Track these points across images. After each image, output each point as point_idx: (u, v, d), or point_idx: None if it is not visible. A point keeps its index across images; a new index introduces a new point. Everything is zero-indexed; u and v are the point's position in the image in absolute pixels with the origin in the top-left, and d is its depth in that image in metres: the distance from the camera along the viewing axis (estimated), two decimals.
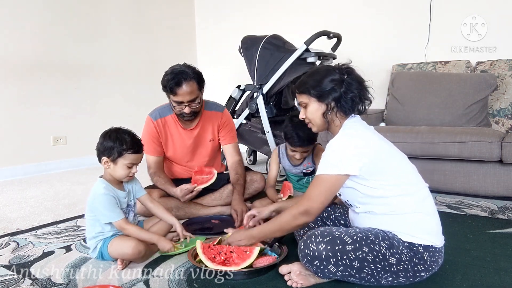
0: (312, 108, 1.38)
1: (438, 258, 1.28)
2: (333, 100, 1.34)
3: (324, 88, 1.34)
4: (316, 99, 1.36)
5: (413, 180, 1.33)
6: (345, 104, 1.33)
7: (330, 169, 1.27)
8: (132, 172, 1.57)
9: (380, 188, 1.27)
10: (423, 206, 1.30)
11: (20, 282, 1.40)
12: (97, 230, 1.56)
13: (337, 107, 1.35)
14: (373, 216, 1.30)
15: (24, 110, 3.51)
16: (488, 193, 2.39)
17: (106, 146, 1.52)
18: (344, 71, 1.36)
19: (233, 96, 3.35)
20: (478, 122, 2.75)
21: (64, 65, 3.78)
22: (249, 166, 2.95)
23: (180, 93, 1.95)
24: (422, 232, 1.26)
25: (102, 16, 4.09)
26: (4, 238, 1.89)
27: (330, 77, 1.34)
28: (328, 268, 1.21)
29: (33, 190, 2.97)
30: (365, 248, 1.20)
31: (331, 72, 1.36)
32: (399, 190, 1.28)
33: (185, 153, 2.18)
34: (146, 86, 4.46)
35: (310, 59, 2.96)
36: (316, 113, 1.38)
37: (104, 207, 1.51)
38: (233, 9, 4.70)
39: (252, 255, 1.40)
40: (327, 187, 1.28)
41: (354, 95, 1.33)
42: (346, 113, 1.36)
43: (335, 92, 1.33)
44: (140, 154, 1.58)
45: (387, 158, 1.32)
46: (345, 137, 1.31)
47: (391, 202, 1.27)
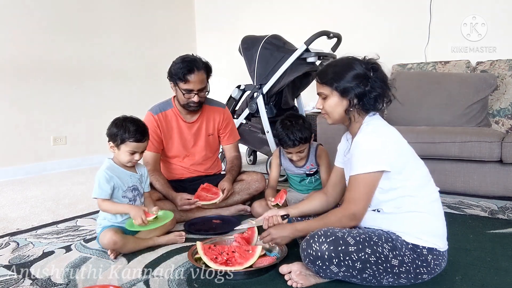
0: (332, 101, 1.35)
1: (442, 262, 1.28)
2: (356, 96, 1.31)
3: (348, 83, 1.30)
4: (338, 94, 1.33)
5: (425, 183, 1.33)
6: (367, 102, 1.31)
7: (366, 167, 1.24)
8: (135, 159, 1.67)
9: (400, 187, 1.27)
10: (431, 208, 1.30)
11: (20, 282, 1.40)
12: (102, 216, 1.69)
13: (359, 104, 1.32)
14: (381, 214, 1.30)
15: (24, 110, 3.51)
16: (488, 193, 2.38)
17: (111, 132, 1.65)
18: (370, 67, 1.32)
19: (233, 96, 3.35)
20: (478, 122, 2.75)
21: (64, 65, 3.78)
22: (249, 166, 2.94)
23: (192, 80, 1.99)
24: (427, 234, 1.25)
25: (102, 17, 4.09)
26: (4, 238, 1.89)
27: (355, 72, 1.30)
28: (330, 268, 1.21)
29: (33, 190, 2.96)
30: (368, 250, 1.20)
31: (357, 65, 1.32)
32: (415, 190, 1.28)
33: (184, 146, 2.20)
34: (146, 86, 4.47)
35: (310, 59, 2.96)
36: (336, 107, 1.35)
37: (96, 182, 1.62)
38: (233, 9, 4.70)
39: (255, 254, 1.40)
40: (368, 187, 1.26)
41: (378, 94, 1.31)
42: (368, 111, 1.34)
43: (359, 88, 1.30)
44: (142, 143, 1.67)
45: (408, 157, 1.31)
46: (372, 134, 1.28)
47: (404, 201, 1.27)
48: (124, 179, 1.68)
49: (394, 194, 1.28)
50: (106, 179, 1.62)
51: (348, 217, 1.28)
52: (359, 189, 1.26)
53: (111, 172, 1.65)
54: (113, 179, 1.64)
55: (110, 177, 1.63)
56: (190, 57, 2.05)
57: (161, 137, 2.15)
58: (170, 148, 2.19)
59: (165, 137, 2.16)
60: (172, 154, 2.21)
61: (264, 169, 3.21)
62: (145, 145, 1.70)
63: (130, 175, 1.71)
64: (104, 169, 1.64)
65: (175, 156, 2.22)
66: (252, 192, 2.25)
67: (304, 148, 1.97)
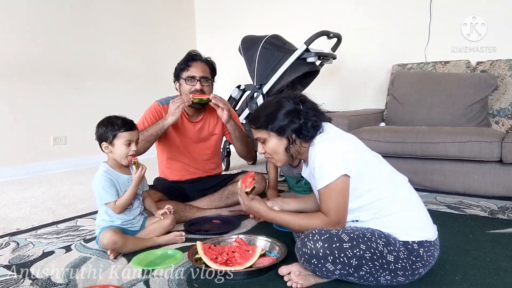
0: (272, 143, 1.37)
1: (434, 252, 1.28)
2: (293, 132, 1.34)
3: (282, 122, 1.33)
4: (275, 134, 1.35)
5: (393, 179, 1.34)
6: (307, 133, 1.33)
7: (331, 175, 1.25)
8: (132, 150, 1.66)
9: (370, 189, 1.28)
10: (408, 202, 1.31)
11: (20, 282, 1.40)
12: (101, 218, 1.69)
13: (299, 138, 1.34)
14: (361, 224, 1.31)
15: (24, 110, 3.51)
16: (488, 193, 2.39)
17: (100, 132, 1.67)
18: (297, 101, 1.35)
19: (233, 96, 3.35)
20: (478, 122, 2.75)
21: (64, 65, 3.78)
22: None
23: (194, 65, 2.04)
24: (413, 229, 1.26)
25: (102, 17, 4.09)
26: (4, 238, 1.89)
27: (286, 109, 1.34)
28: (326, 266, 1.21)
29: (33, 190, 2.97)
30: (363, 246, 1.20)
31: (285, 103, 1.35)
32: (383, 192, 1.29)
33: (187, 145, 2.18)
34: (146, 86, 4.47)
35: (310, 59, 2.96)
36: (277, 148, 1.37)
37: (100, 188, 1.63)
38: (233, 9, 4.70)
39: (255, 254, 1.41)
40: (340, 193, 1.26)
41: (314, 121, 1.33)
42: (309, 139, 1.35)
43: (294, 124, 1.33)
44: (134, 131, 1.68)
45: (368, 159, 1.33)
46: (326, 143, 1.29)
47: (377, 206, 1.28)
48: (122, 182, 1.69)
49: (367, 199, 1.28)
50: (108, 182, 1.63)
51: (334, 225, 1.28)
52: (334, 198, 1.26)
53: (109, 175, 1.66)
54: (113, 182, 1.66)
55: (111, 179, 1.65)
56: (195, 51, 2.12)
57: None
58: (170, 146, 2.17)
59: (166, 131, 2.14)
60: (172, 153, 2.20)
61: (264, 169, 3.21)
62: (137, 134, 1.71)
63: (127, 179, 1.71)
64: (103, 174, 1.65)
65: (175, 156, 2.21)
66: None
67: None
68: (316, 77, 3.25)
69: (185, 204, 2.10)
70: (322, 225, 1.28)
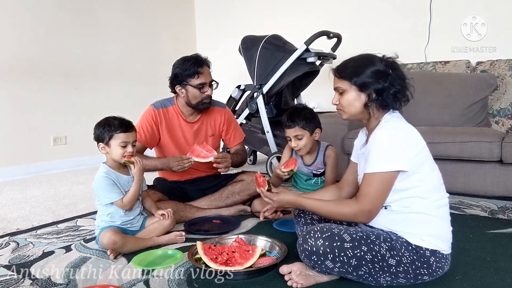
0: (350, 96, 1.33)
1: (444, 265, 1.27)
2: (375, 92, 1.30)
3: (367, 78, 1.29)
4: (357, 88, 1.32)
5: (440, 186, 1.32)
6: (386, 98, 1.29)
7: (384, 166, 1.22)
8: (128, 151, 1.66)
9: (412, 187, 1.25)
10: (439, 212, 1.28)
11: (20, 282, 1.40)
12: (100, 219, 1.69)
13: (377, 99, 1.30)
14: (388, 211, 1.28)
15: (24, 110, 3.51)
16: (488, 193, 2.38)
17: (97, 133, 1.68)
18: (390, 64, 1.32)
19: (233, 96, 3.35)
20: (478, 122, 2.75)
21: (64, 65, 3.78)
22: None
23: (204, 72, 2.04)
24: (431, 236, 1.24)
25: (102, 17, 4.09)
26: (4, 238, 1.89)
27: (375, 68, 1.30)
28: (326, 263, 1.21)
29: (33, 190, 2.97)
30: (364, 247, 1.20)
31: (377, 62, 1.31)
32: (426, 192, 1.27)
33: (184, 146, 2.17)
34: (146, 86, 4.47)
35: (310, 59, 2.96)
36: (354, 102, 1.33)
37: (103, 189, 1.64)
38: (233, 9, 4.70)
39: (255, 254, 1.41)
40: (385, 185, 1.23)
41: (397, 90, 1.30)
42: (386, 107, 1.32)
43: (378, 84, 1.29)
44: (130, 132, 1.68)
45: (426, 157, 1.29)
46: (392, 131, 1.25)
47: (413, 202, 1.26)
48: (122, 183, 1.69)
49: (405, 194, 1.26)
50: (110, 182, 1.64)
51: (364, 213, 1.25)
52: (376, 187, 1.23)
53: (110, 176, 1.66)
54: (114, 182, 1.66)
55: (111, 179, 1.65)
56: (191, 55, 2.09)
57: (155, 132, 2.12)
58: (168, 148, 2.17)
59: (162, 133, 2.14)
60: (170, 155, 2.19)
61: (264, 169, 3.21)
62: (134, 136, 1.71)
63: (127, 179, 1.71)
64: (103, 175, 1.65)
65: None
66: (252, 193, 2.24)
67: (302, 135, 1.96)
68: (316, 77, 3.25)
69: (185, 204, 2.10)
70: (351, 212, 1.26)
